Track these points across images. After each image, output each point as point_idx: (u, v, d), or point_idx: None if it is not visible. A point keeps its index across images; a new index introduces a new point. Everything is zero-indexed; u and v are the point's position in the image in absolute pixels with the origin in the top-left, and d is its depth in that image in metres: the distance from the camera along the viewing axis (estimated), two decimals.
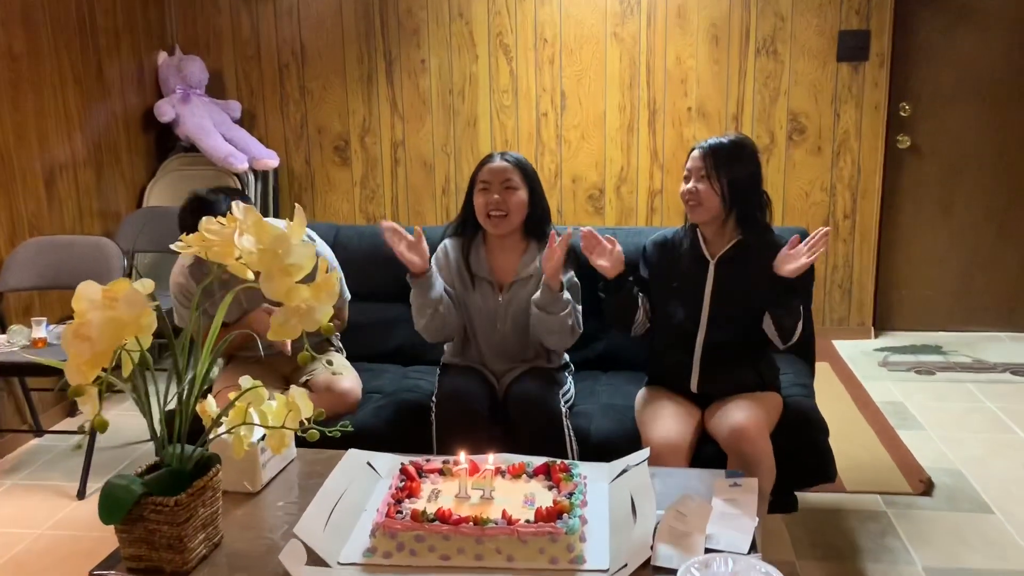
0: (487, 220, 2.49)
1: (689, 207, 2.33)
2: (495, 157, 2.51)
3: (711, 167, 2.28)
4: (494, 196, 2.46)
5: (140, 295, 1.44)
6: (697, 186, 2.30)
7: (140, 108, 4.39)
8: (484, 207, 2.48)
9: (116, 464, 3.18)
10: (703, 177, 2.29)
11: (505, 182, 2.47)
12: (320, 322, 1.44)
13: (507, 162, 2.49)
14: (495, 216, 2.47)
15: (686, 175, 2.34)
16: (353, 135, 4.63)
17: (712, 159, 2.28)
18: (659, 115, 4.37)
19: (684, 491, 1.92)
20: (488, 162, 2.51)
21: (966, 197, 4.39)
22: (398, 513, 1.71)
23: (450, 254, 2.56)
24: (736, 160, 2.30)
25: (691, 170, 2.33)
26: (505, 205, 2.46)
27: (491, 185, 2.47)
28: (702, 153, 2.30)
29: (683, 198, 2.35)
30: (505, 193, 2.46)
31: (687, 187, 2.32)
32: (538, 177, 2.55)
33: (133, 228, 3.95)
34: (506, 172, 2.47)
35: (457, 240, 2.59)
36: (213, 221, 1.47)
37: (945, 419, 3.44)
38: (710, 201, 2.29)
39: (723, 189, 2.28)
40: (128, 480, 1.59)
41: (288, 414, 1.66)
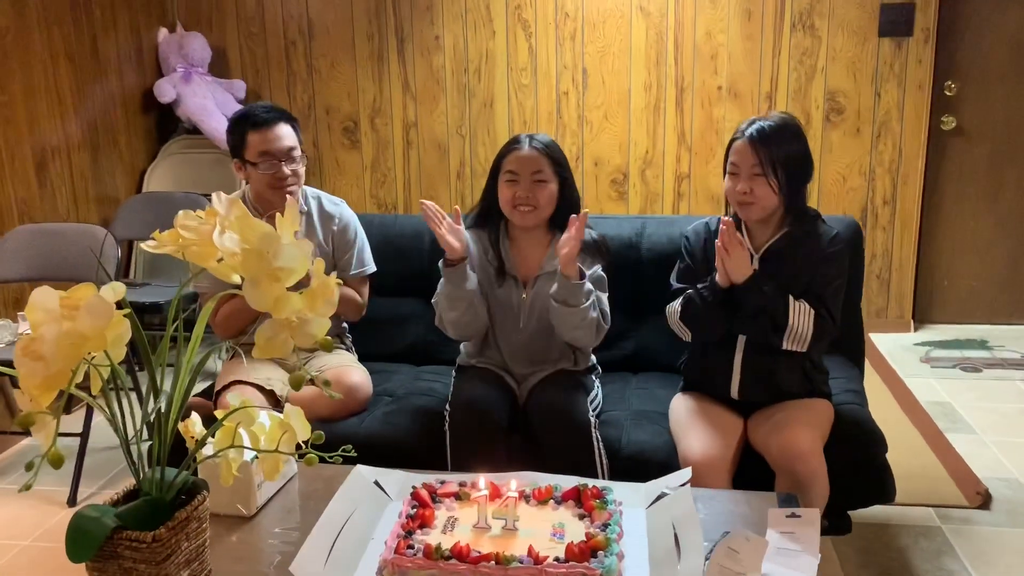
0: (513, 212, 2.27)
1: (742, 208, 2.08)
2: (523, 143, 2.27)
3: (765, 160, 2.02)
4: (523, 190, 2.24)
5: (105, 304, 1.23)
6: (751, 185, 2.05)
7: (139, 88, 4.18)
8: (511, 200, 2.26)
9: (111, 467, 2.99)
10: (757, 175, 2.04)
11: (535, 174, 2.24)
12: (315, 336, 1.22)
13: (536, 150, 2.25)
14: (523, 210, 2.25)
15: (732, 170, 2.09)
16: (363, 116, 4.40)
17: (764, 150, 2.03)
18: (687, 94, 4.11)
19: (729, 517, 1.70)
20: (516, 148, 2.27)
21: (1015, 182, 4.11)
22: (409, 548, 1.50)
23: (471, 246, 2.34)
24: (787, 144, 2.06)
25: (738, 165, 2.07)
26: (535, 199, 2.24)
27: (520, 177, 2.24)
28: (751, 144, 2.04)
29: (732, 198, 2.10)
30: (535, 187, 2.24)
31: (739, 187, 2.07)
32: (568, 165, 2.32)
33: (132, 214, 3.76)
34: (537, 163, 2.24)
35: (479, 231, 2.36)
36: (191, 215, 1.25)
37: (998, 422, 3.19)
38: (767, 199, 2.05)
39: (780, 183, 2.03)
40: (100, 511, 1.38)
41: (283, 436, 1.44)
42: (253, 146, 2.37)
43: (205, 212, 1.23)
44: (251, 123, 2.38)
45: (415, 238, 2.79)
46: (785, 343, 2.05)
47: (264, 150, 2.36)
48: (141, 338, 1.32)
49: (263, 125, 2.37)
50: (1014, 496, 2.66)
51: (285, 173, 2.37)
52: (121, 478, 2.91)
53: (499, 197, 2.29)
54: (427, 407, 2.34)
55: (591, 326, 2.21)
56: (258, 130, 2.37)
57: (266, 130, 2.36)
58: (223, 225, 1.21)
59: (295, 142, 2.41)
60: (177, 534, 1.38)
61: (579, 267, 2.17)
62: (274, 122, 2.38)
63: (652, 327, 2.58)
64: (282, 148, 2.37)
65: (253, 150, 2.37)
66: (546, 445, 2.15)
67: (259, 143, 2.36)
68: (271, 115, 2.40)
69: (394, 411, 2.34)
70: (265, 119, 2.38)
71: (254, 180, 2.40)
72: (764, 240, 2.14)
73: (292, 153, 2.39)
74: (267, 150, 2.36)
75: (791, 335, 2.03)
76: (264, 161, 2.36)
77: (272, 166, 2.36)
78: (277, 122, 2.38)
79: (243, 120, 2.41)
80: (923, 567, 2.30)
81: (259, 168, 2.37)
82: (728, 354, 2.16)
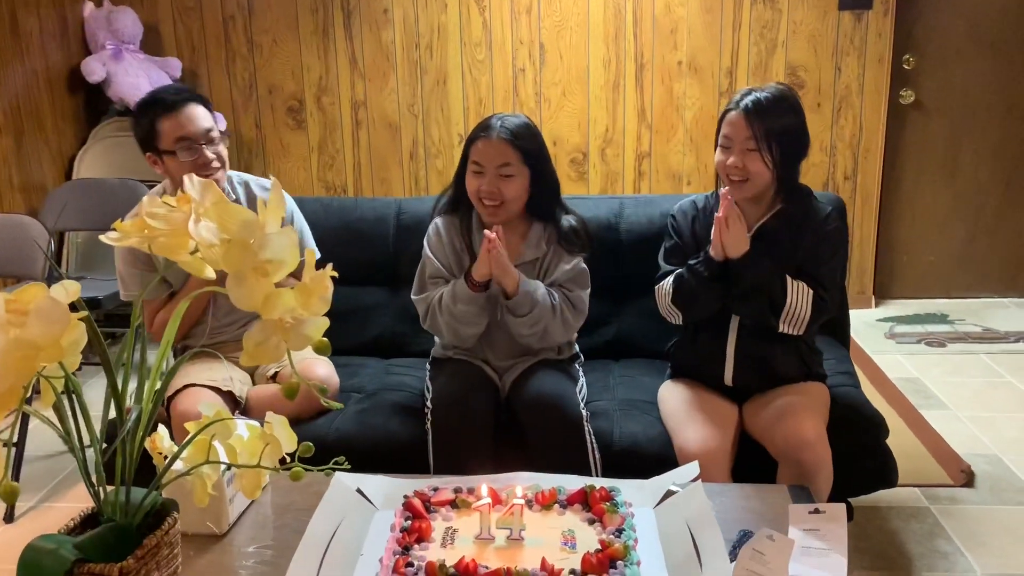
0: (479, 204, 2.12)
1: (733, 184, 1.97)
2: (492, 129, 2.09)
3: (760, 134, 1.91)
4: (488, 184, 2.08)
5: (59, 307, 1.05)
6: (744, 160, 1.93)
7: (65, 66, 3.89)
8: (476, 193, 2.10)
9: (53, 476, 2.76)
10: (751, 149, 1.93)
11: (502, 168, 2.07)
12: (311, 339, 1.06)
13: (504, 140, 2.07)
14: (488, 205, 2.10)
15: (723, 143, 1.98)
16: (308, 95, 4.17)
17: (759, 123, 1.92)
18: (647, 70, 4.00)
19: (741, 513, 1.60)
20: (484, 134, 2.09)
21: (972, 156, 4.12)
22: (408, 566, 1.36)
23: (443, 235, 2.18)
24: (784, 117, 1.96)
25: (731, 138, 1.96)
26: (500, 194, 2.08)
27: (485, 169, 2.08)
28: (745, 116, 1.93)
29: (723, 172, 1.98)
30: (501, 181, 2.08)
31: (730, 161, 1.95)
32: (544, 150, 2.16)
33: (61, 203, 3.49)
34: (503, 155, 2.07)
35: (450, 219, 2.20)
36: (158, 202, 1.08)
37: (969, 397, 3.18)
38: (760, 176, 1.95)
39: (774, 158, 1.93)
40: (55, 542, 1.21)
41: (264, 448, 1.28)
42: (167, 133, 2.14)
43: (177, 198, 1.05)
44: (161, 108, 2.15)
45: (378, 223, 2.62)
46: (782, 326, 1.95)
47: (180, 135, 2.14)
48: (100, 344, 1.15)
49: (173, 108, 2.14)
50: (995, 472, 2.64)
51: (208, 157, 2.16)
52: (64, 489, 2.69)
53: (466, 187, 2.13)
54: (402, 403, 2.19)
55: (541, 332, 2.10)
56: (169, 115, 2.14)
57: (178, 113, 2.14)
58: (198, 212, 1.04)
59: (211, 122, 2.20)
60: (147, 564, 1.22)
61: (516, 278, 2.05)
62: (184, 103, 2.16)
63: (634, 312, 2.48)
64: (200, 130, 2.16)
65: (168, 138, 2.14)
66: (535, 441, 2.02)
67: (173, 129, 2.14)
68: (181, 96, 2.17)
69: (367, 409, 2.18)
70: (174, 101, 2.15)
71: (174, 171, 2.17)
72: (756, 218, 2.04)
73: (211, 134, 2.18)
74: (183, 135, 2.14)
75: (788, 316, 1.94)
76: (182, 147, 2.14)
77: (193, 151, 2.15)
78: (188, 103, 2.16)
79: (150, 106, 2.17)
80: (917, 550, 2.25)
81: (178, 156, 2.14)
82: (720, 340, 2.06)
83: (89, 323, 1.12)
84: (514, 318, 2.08)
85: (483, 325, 2.12)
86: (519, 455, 1.98)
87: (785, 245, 2.00)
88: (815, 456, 1.83)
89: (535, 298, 2.06)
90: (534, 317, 2.07)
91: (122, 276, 2.21)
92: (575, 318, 2.15)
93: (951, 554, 2.23)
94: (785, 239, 2.01)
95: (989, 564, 2.19)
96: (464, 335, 2.13)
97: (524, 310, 2.06)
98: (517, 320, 2.08)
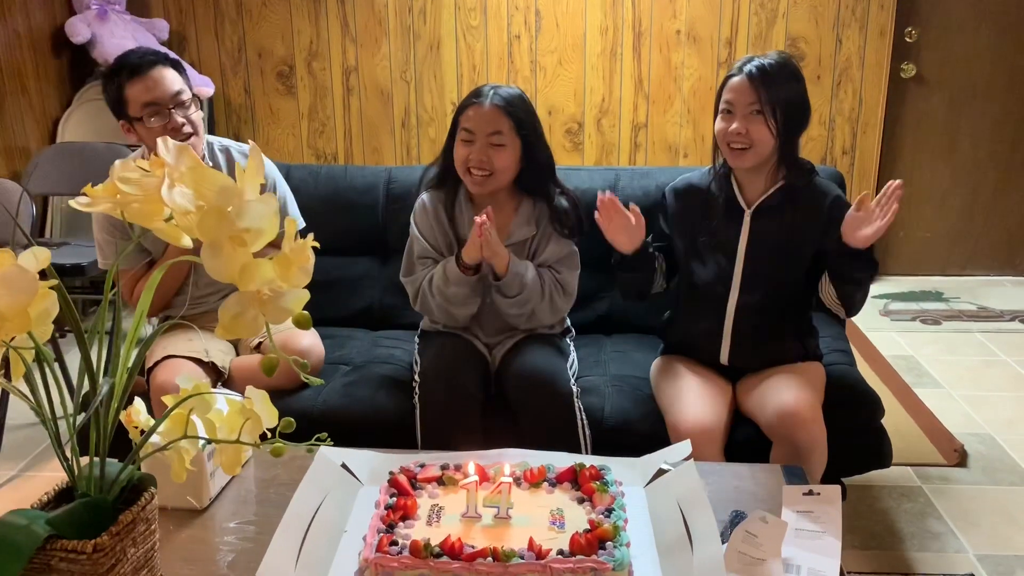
0: (467, 175, 2.05)
1: (733, 153, 1.92)
2: (484, 97, 2.02)
3: (765, 99, 1.86)
4: (477, 152, 2.01)
5: (27, 275, 1.00)
6: (748, 126, 1.88)
7: (48, 27, 3.79)
8: (464, 162, 2.03)
9: (33, 446, 2.71)
10: (754, 113, 1.87)
11: (492, 136, 2.01)
12: (291, 312, 1.01)
13: (497, 107, 2.01)
14: (477, 175, 2.03)
15: (725, 109, 1.92)
16: (299, 60, 4.09)
17: (764, 89, 1.86)
18: (645, 38, 3.92)
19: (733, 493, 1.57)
20: (476, 101, 2.03)
21: (972, 131, 4.06)
22: (392, 544, 1.32)
23: (430, 210, 2.12)
24: (787, 85, 1.90)
25: (733, 104, 1.90)
26: (489, 163, 2.02)
27: (475, 136, 2.01)
28: (750, 81, 1.87)
29: (724, 140, 1.93)
30: (491, 150, 2.01)
31: (733, 127, 1.90)
32: (537, 123, 2.09)
33: (46, 167, 3.42)
34: (496, 122, 2.00)
35: (438, 193, 2.14)
36: (131, 166, 1.02)
37: (963, 375, 3.16)
38: (764, 144, 1.89)
39: (778, 126, 1.88)
40: (27, 517, 1.17)
41: (245, 423, 1.23)
42: (134, 99, 2.06)
43: (150, 162, 1.00)
44: (127, 73, 2.06)
45: (367, 191, 2.57)
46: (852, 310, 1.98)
47: (147, 100, 2.05)
48: (72, 314, 1.10)
49: (139, 72, 2.06)
50: (989, 452, 2.62)
51: (178, 122, 2.07)
52: (46, 459, 2.65)
53: (454, 157, 2.07)
54: (391, 376, 2.15)
55: (529, 314, 2.07)
56: (135, 79, 2.06)
57: (145, 77, 2.06)
58: (173, 177, 0.98)
59: (182, 85, 2.11)
60: (122, 540, 1.18)
61: (506, 259, 2.00)
62: (151, 66, 2.07)
63: None
64: (167, 93, 2.07)
65: (135, 104, 2.06)
66: (524, 417, 1.98)
67: (140, 93, 2.05)
68: (147, 59, 2.08)
69: (354, 382, 2.14)
70: (139, 64, 2.07)
71: (146, 138, 2.09)
72: (757, 194, 1.99)
73: (180, 97, 2.09)
74: (150, 100, 2.05)
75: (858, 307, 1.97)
76: (150, 113, 2.06)
77: (162, 116, 2.06)
78: (154, 66, 2.07)
79: (116, 72, 2.08)
80: (908, 529, 2.23)
81: (145, 122, 2.06)
82: (718, 319, 2.01)
83: (60, 292, 1.07)
84: (502, 298, 2.04)
85: (476, 305, 2.08)
86: (508, 431, 1.95)
87: (786, 223, 1.96)
88: (809, 435, 1.80)
89: (524, 280, 2.01)
90: (523, 299, 2.03)
91: (99, 244, 2.15)
92: (564, 301, 2.11)
93: (943, 534, 2.22)
94: (787, 216, 1.96)
95: (981, 544, 2.17)
96: (457, 316, 2.09)
97: (513, 291, 2.02)
98: (505, 300, 2.04)
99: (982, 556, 2.13)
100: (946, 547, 2.17)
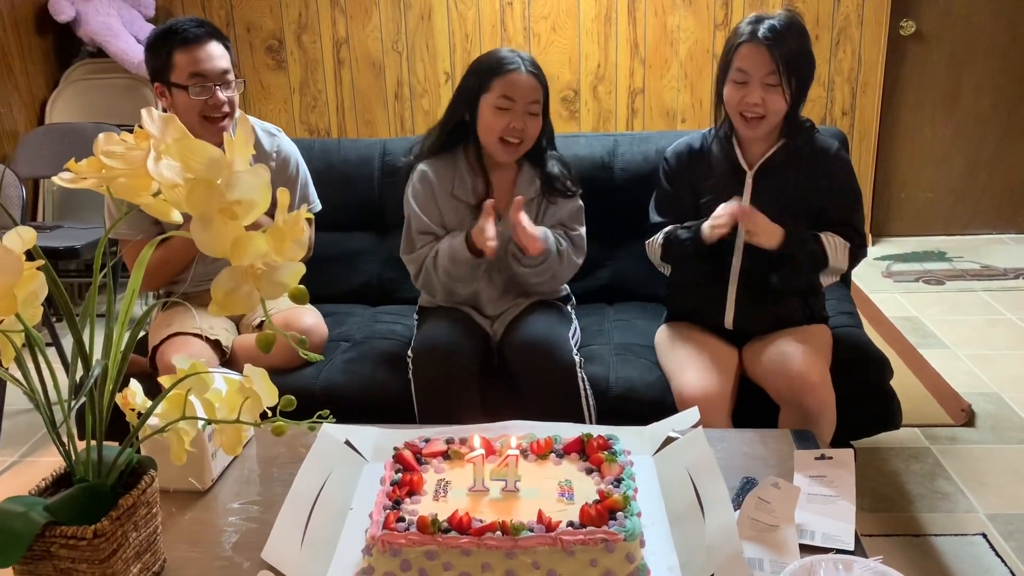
0: (498, 144, 2.00)
1: (746, 122, 1.86)
2: (519, 63, 1.97)
3: (782, 67, 1.80)
4: (518, 120, 1.97)
5: (12, 256, 0.97)
6: (765, 96, 1.82)
7: (32, 5, 3.72)
8: (501, 130, 1.98)
9: (33, 431, 2.69)
10: (773, 84, 1.81)
11: (531, 104, 1.98)
12: (286, 286, 0.98)
13: (534, 74, 1.98)
14: (512, 142, 1.99)
15: (738, 78, 1.86)
16: (288, 33, 4.02)
17: (780, 55, 1.80)
18: (639, 2, 3.85)
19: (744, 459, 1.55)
20: (510, 68, 1.97)
21: (973, 88, 4.01)
22: (399, 521, 1.29)
23: (433, 181, 2.07)
24: (799, 45, 1.84)
25: (748, 72, 1.83)
26: (525, 131, 1.99)
27: (515, 105, 1.96)
28: (768, 47, 1.80)
29: (737, 110, 1.87)
30: (528, 119, 1.98)
31: (750, 98, 1.84)
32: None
33: (35, 149, 3.37)
34: (535, 91, 1.98)
35: (437, 161, 2.10)
36: (115, 139, 0.99)
37: (968, 335, 3.14)
38: (778, 113, 1.85)
39: (792, 93, 1.82)
40: (25, 504, 1.15)
41: (244, 403, 1.21)
42: (181, 67, 2.03)
43: (134, 134, 0.96)
44: (179, 40, 2.03)
45: (362, 165, 2.52)
46: (824, 280, 1.93)
47: (195, 71, 2.02)
48: (61, 295, 1.06)
49: (193, 42, 2.03)
50: (997, 411, 2.60)
51: (220, 99, 2.05)
52: (46, 444, 2.63)
53: (480, 123, 2.00)
54: (391, 351, 2.12)
55: (549, 278, 2.06)
56: (187, 48, 2.02)
57: (197, 48, 2.03)
58: (159, 150, 0.95)
59: (229, 64, 2.08)
60: (123, 525, 1.16)
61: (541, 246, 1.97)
62: (206, 39, 2.04)
63: (628, 254, 2.40)
64: (216, 69, 2.04)
65: (182, 72, 2.03)
66: (527, 388, 1.96)
67: (189, 63, 2.02)
68: (202, 30, 2.05)
69: (354, 358, 2.11)
70: (196, 35, 2.04)
71: (181, 108, 2.05)
72: (760, 154, 1.95)
73: (227, 76, 2.07)
74: (199, 71, 2.03)
75: (829, 273, 1.92)
76: (195, 84, 2.03)
77: (205, 90, 2.03)
78: (209, 39, 2.05)
79: (168, 36, 2.05)
80: (917, 491, 2.22)
81: (189, 92, 2.03)
82: (721, 285, 1.98)
83: (49, 273, 1.04)
84: (524, 268, 2.02)
85: (479, 281, 2.06)
86: (512, 403, 1.92)
87: (789, 182, 1.92)
88: (818, 399, 1.77)
89: (548, 246, 1.99)
90: (545, 266, 2.01)
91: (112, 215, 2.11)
92: (578, 256, 2.10)
93: (952, 494, 2.20)
94: (790, 175, 1.93)
95: (991, 503, 2.16)
96: (460, 293, 2.07)
97: (536, 262, 2.00)
98: (526, 270, 2.02)
99: (992, 515, 2.12)
100: (956, 507, 2.15)
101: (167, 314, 2.11)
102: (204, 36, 2.04)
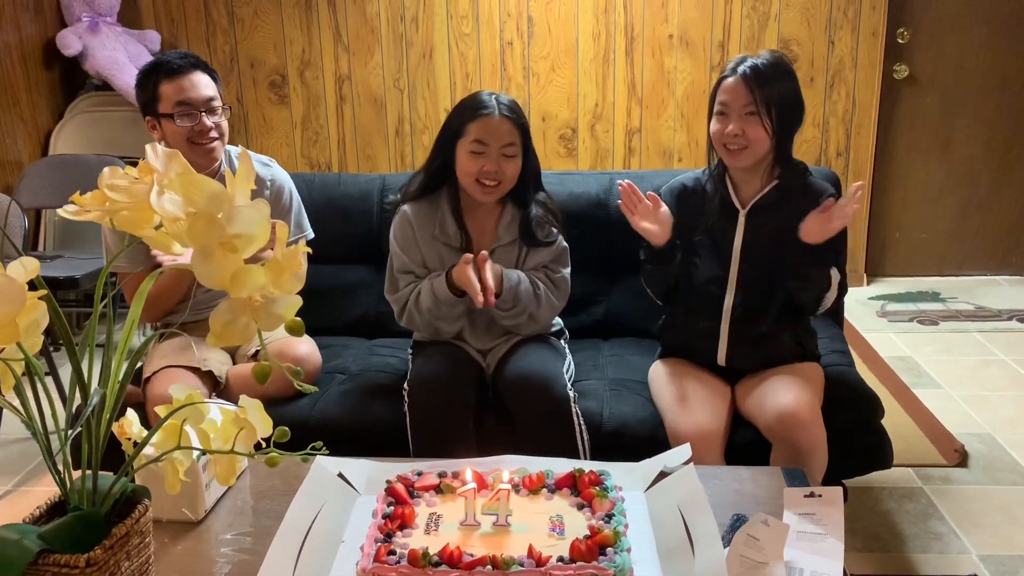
0: (475, 186, 2.03)
1: (730, 153, 1.92)
2: (493, 107, 2.00)
3: (760, 99, 1.86)
4: (491, 163, 2.00)
5: (16, 286, 0.98)
6: (743, 126, 1.88)
7: (39, 39, 3.78)
8: (476, 173, 2.01)
9: (27, 460, 2.69)
10: (750, 114, 1.87)
11: (506, 147, 2.01)
12: (284, 318, 1.00)
13: (508, 119, 2.00)
14: (489, 185, 2.02)
15: (720, 111, 1.92)
16: (291, 69, 4.08)
17: (758, 89, 1.86)
18: (637, 43, 3.92)
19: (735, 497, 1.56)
20: (484, 114, 2.00)
21: (966, 131, 4.07)
22: (390, 554, 1.31)
23: (414, 225, 2.11)
24: (781, 84, 1.90)
25: (728, 105, 1.90)
26: (501, 173, 2.02)
27: (488, 149, 2.00)
28: (744, 81, 1.87)
29: (719, 141, 1.93)
30: (503, 161, 2.01)
31: (728, 129, 1.89)
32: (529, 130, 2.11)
33: (38, 180, 3.41)
34: (509, 134, 2.00)
35: (425, 203, 2.13)
36: (119, 173, 1.01)
37: (962, 375, 3.15)
38: (760, 144, 1.89)
39: (773, 126, 1.87)
40: (19, 532, 1.15)
41: (239, 434, 1.22)
42: (168, 97, 2.10)
43: (138, 168, 0.99)
44: (164, 71, 2.12)
45: (362, 199, 2.55)
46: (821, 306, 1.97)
47: (181, 99, 2.10)
48: (63, 325, 1.08)
49: (177, 73, 2.11)
50: (989, 452, 2.61)
51: (207, 125, 2.12)
52: (39, 473, 2.63)
53: (458, 166, 2.04)
54: (386, 385, 2.13)
55: (526, 320, 2.07)
56: (172, 78, 2.10)
57: (181, 78, 2.11)
58: (162, 184, 0.97)
59: (215, 92, 2.16)
60: (116, 554, 1.16)
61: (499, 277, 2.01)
62: (189, 69, 2.13)
63: (623, 290, 2.43)
64: (201, 96, 2.12)
65: (168, 101, 2.11)
66: (521, 422, 1.97)
67: (174, 92, 2.10)
68: (185, 62, 2.14)
69: (349, 390, 2.12)
70: (180, 65, 2.12)
71: (171, 137, 2.13)
72: (752, 193, 1.99)
73: (212, 103, 2.14)
74: (184, 99, 2.10)
75: (824, 302, 1.94)
76: (181, 112, 2.10)
77: (191, 117, 2.11)
78: (193, 69, 2.13)
79: (154, 70, 2.14)
80: (911, 531, 2.22)
81: (176, 121, 2.11)
82: (714, 320, 2.00)
83: (50, 302, 1.06)
84: (499, 312, 2.04)
85: (463, 321, 2.09)
86: (506, 437, 1.93)
87: (781, 222, 1.95)
88: (809, 437, 1.78)
89: (518, 292, 2.02)
90: (518, 309, 2.04)
91: (107, 246, 2.16)
92: (559, 299, 2.11)
93: (945, 535, 2.20)
94: (782, 215, 1.96)
95: (983, 544, 2.16)
96: (444, 331, 2.10)
97: (508, 305, 2.03)
98: (501, 313, 2.05)
99: (985, 556, 2.12)
100: (949, 548, 2.15)
101: (163, 345, 2.13)
102: (188, 67, 2.12)
